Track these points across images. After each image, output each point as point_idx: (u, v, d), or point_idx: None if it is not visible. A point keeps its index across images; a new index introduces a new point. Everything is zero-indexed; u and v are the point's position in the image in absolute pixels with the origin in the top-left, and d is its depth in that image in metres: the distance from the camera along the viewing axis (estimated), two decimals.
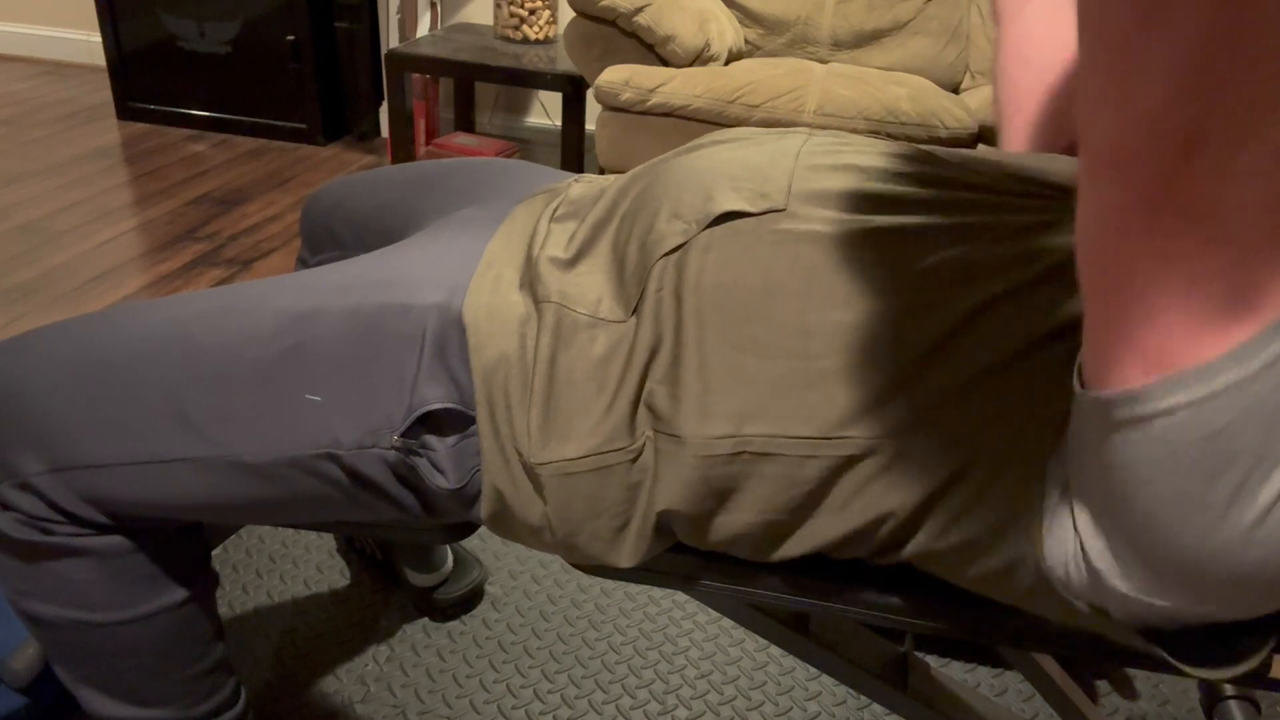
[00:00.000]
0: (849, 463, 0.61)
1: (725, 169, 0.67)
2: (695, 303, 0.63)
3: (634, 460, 0.65)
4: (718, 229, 0.64)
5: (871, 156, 0.68)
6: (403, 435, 0.66)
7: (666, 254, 0.65)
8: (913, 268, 0.60)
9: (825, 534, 0.65)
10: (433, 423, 0.67)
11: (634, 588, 1.32)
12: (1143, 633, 0.56)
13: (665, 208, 0.67)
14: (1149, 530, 0.46)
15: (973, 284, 0.59)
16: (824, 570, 0.72)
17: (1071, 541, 0.55)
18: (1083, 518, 0.53)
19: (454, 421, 0.67)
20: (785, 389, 0.61)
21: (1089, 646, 0.69)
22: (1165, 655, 0.56)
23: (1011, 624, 0.69)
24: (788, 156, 0.67)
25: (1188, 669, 0.56)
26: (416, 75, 2.68)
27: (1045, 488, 0.56)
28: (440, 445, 0.67)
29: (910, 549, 0.64)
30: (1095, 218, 0.43)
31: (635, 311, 0.65)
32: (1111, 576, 0.53)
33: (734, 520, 0.66)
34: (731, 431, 0.62)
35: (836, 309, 0.61)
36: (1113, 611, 0.55)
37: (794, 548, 0.67)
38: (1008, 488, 0.58)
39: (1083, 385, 0.48)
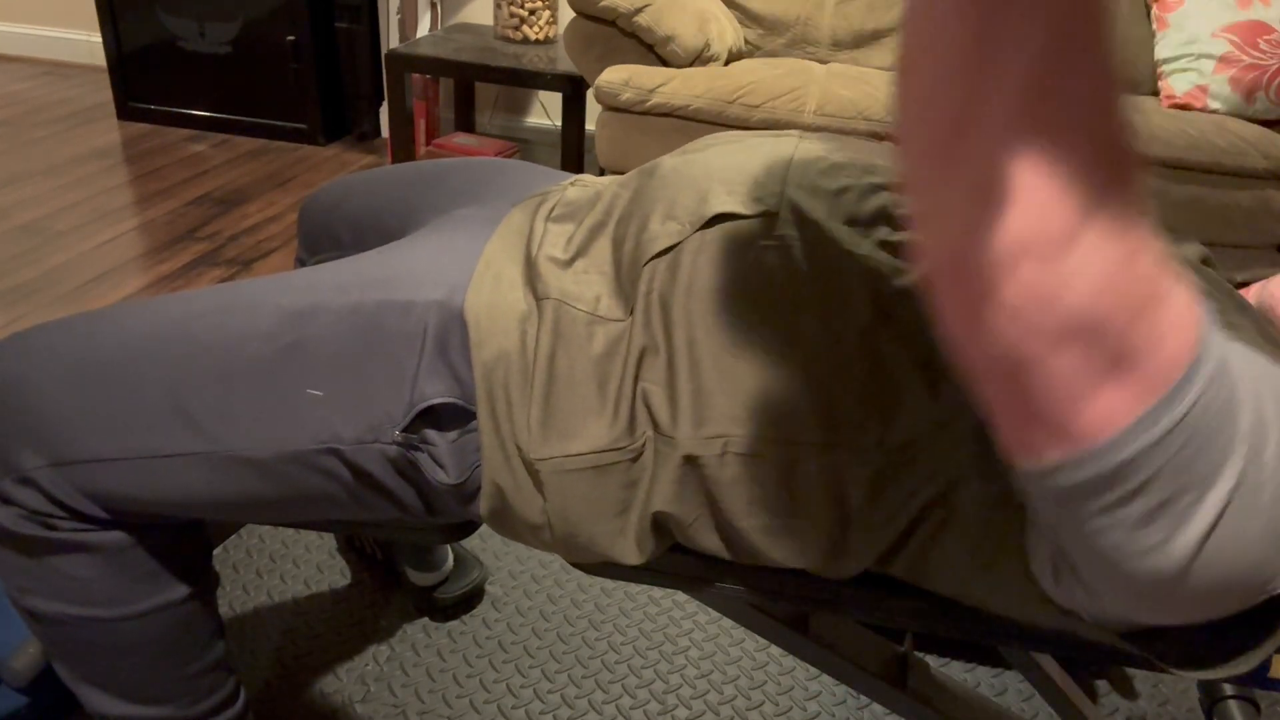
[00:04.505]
0: (836, 469, 0.61)
1: (720, 173, 0.67)
2: (686, 305, 0.63)
3: (634, 460, 0.65)
4: (710, 231, 0.64)
5: (864, 159, 0.68)
6: (404, 430, 0.66)
7: (658, 255, 0.65)
8: (905, 279, 0.60)
9: (811, 544, 0.66)
10: (434, 418, 0.67)
11: (634, 588, 1.32)
12: (1132, 637, 0.56)
13: (659, 209, 0.67)
14: (1104, 568, 0.47)
15: None
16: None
17: (1049, 560, 0.56)
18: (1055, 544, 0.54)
19: (455, 417, 0.67)
20: (775, 393, 0.62)
21: (1088, 647, 0.69)
22: (1157, 660, 0.56)
23: (1011, 624, 0.69)
24: (781, 161, 0.67)
25: (1182, 672, 0.56)
26: (417, 75, 2.69)
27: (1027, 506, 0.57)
28: (441, 440, 0.67)
29: (895, 561, 0.65)
30: (958, 328, 0.42)
31: (633, 311, 0.65)
32: (1086, 601, 0.53)
33: (721, 523, 0.66)
34: (721, 433, 0.63)
35: (827, 315, 0.61)
36: (1094, 621, 0.56)
37: (783, 557, 0.68)
38: (993, 504, 0.58)
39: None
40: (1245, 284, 0.66)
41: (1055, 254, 0.37)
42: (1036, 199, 0.36)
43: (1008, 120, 0.36)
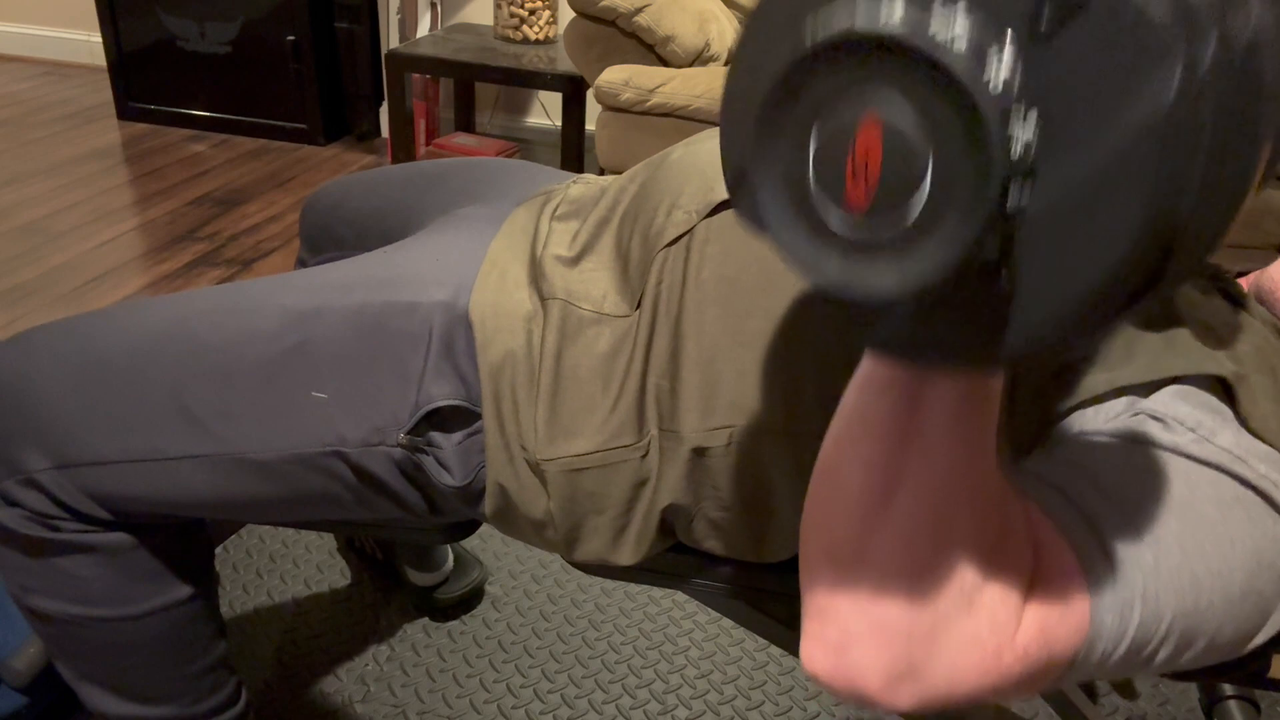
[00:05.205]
0: None
1: None
2: (696, 296, 0.63)
3: (643, 457, 0.65)
4: (717, 218, 0.64)
5: None
6: (409, 432, 0.66)
7: (667, 245, 0.65)
8: None
9: None
10: (439, 419, 0.67)
11: (634, 588, 1.32)
12: None
13: (665, 202, 0.67)
14: None
15: None
16: None
17: None
18: None
19: (460, 418, 0.67)
20: (781, 383, 0.62)
21: None
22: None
23: None
24: None
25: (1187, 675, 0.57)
26: (417, 75, 2.68)
27: None
28: (446, 442, 0.67)
29: None
30: None
31: (639, 306, 0.65)
32: None
33: (725, 515, 0.66)
34: (727, 423, 0.63)
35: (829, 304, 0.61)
36: None
37: (784, 548, 0.68)
38: None
39: None
40: (1243, 273, 0.67)
41: (930, 670, 0.41)
42: (914, 622, 0.40)
43: (894, 554, 0.40)
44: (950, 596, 0.40)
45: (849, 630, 0.41)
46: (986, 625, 0.40)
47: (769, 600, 0.75)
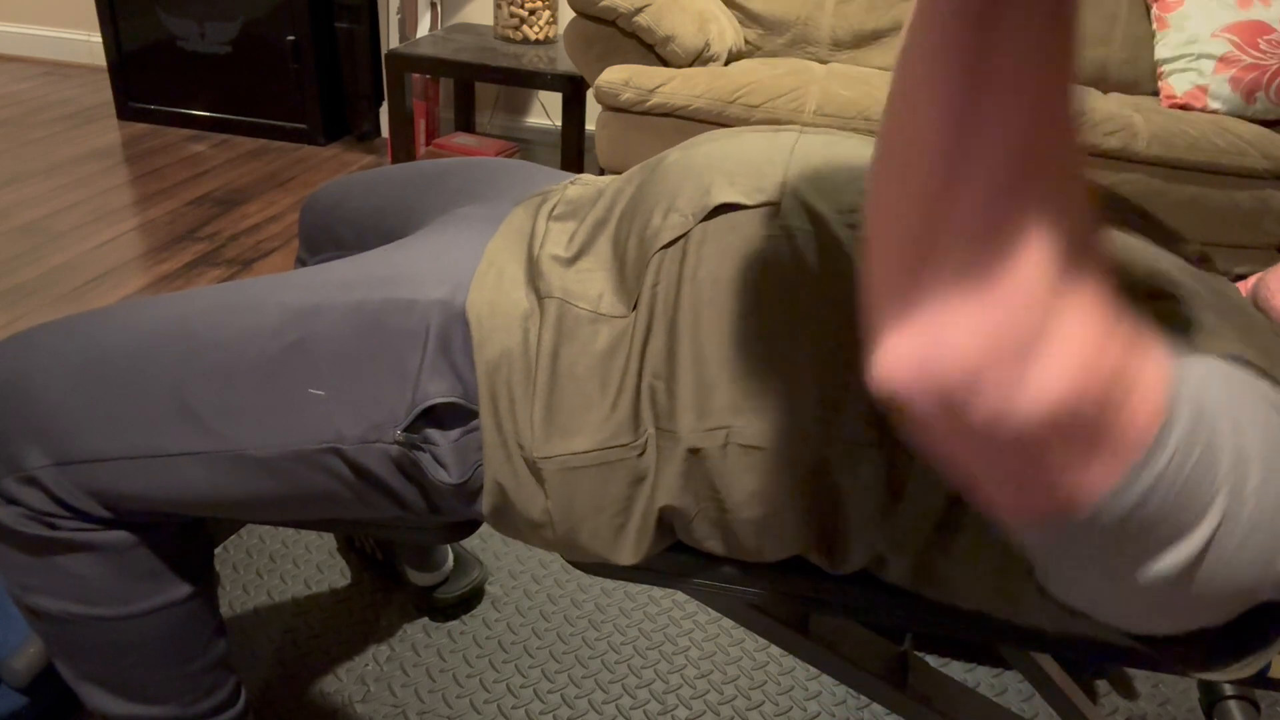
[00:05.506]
0: (835, 465, 0.61)
1: (721, 164, 0.67)
2: (692, 296, 0.63)
3: (640, 455, 0.65)
4: (713, 222, 0.64)
5: (864, 153, 0.68)
6: (405, 429, 0.66)
7: (663, 247, 0.65)
8: None
9: (809, 538, 0.66)
10: (435, 417, 0.67)
11: (634, 587, 1.32)
12: (1139, 636, 0.57)
13: (661, 203, 0.67)
14: (1094, 589, 0.48)
15: None
16: (822, 570, 0.72)
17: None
18: None
19: (457, 416, 0.67)
20: (776, 386, 0.62)
21: (1088, 647, 0.69)
22: (1164, 660, 0.56)
23: (1011, 624, 0.69)
24: (782, 152, 0.67)
25: (1188, 672, 0.56)
26: (417, 75, 2.69)
27: None
28: (443, 440, 0.67)
29: (895, 567, 0.65)
30: (934, 437, 0.42)
31: (635, 307, 0.66)
32: (1089, 606, 0.54)
33: (723, 516, 0.66)
34: (723, 424, 0.63)
35: (826, 307, 0.61)
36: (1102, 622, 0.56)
37: (784, 548, 0.68)
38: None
39: None
40: (1243, 277, 0.66)
41: (1027, 355, 0.36)
42: (1009, 297, 0.36)
43: (980, 215, 0.35)
44: (1045, 270, 0.35)
45: (941, 308, 0.36)
46: (1082, 314, 0.36)
47: (769, 600, 0.75)
